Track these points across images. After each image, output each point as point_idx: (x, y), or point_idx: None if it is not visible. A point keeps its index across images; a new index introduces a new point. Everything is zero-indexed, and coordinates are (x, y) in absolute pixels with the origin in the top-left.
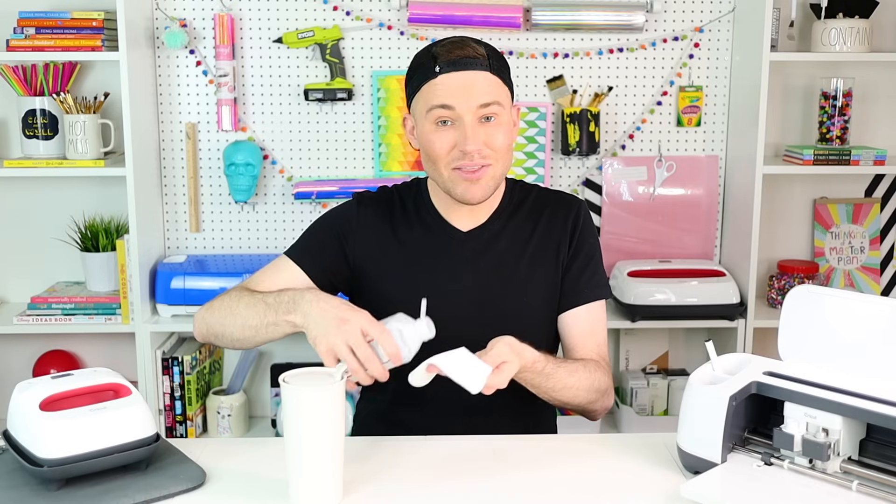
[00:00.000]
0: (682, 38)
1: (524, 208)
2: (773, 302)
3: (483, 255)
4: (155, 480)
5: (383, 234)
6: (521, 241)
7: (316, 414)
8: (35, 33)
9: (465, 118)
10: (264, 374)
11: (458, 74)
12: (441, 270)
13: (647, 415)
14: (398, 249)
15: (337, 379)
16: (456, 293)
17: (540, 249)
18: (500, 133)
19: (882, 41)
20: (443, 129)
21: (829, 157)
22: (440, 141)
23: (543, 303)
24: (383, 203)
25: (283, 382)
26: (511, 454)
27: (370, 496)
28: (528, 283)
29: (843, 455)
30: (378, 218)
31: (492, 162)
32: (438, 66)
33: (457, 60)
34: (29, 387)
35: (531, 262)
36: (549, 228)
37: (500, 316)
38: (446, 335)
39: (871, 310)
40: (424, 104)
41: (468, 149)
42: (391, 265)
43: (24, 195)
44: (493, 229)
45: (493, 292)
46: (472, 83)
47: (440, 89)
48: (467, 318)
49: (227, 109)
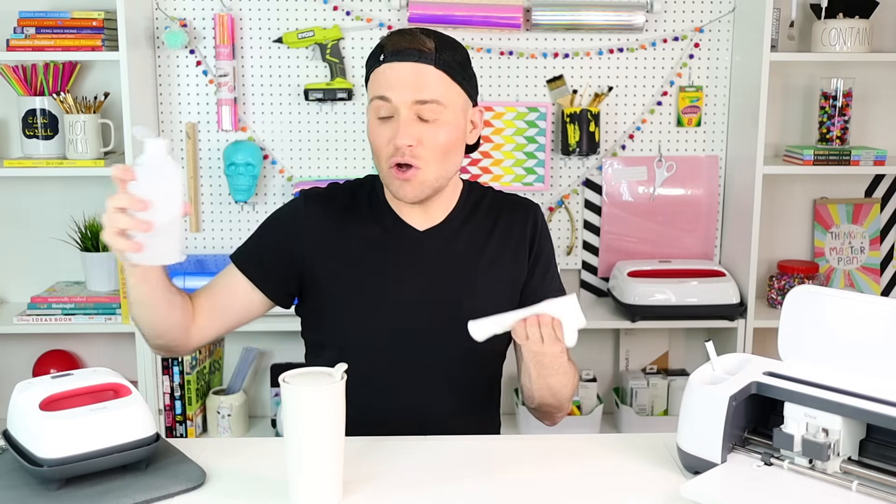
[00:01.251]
0: (682, 38)
1: (481, 209)
2: (773, 302)
3: (441, 254)
4: (155, 480)
5: (333, 233)
6: (479, 243)
7: (316, 414)
8: (35, 33)
9: (400, 111)
10: (264, 374)
11: (399, 65)
12: (397, 269)
13: (647, 415)
14: (350, 248)
15: (337, 379)
16: (412, 292)
17: (497, 252)
18: (439, 133)
19: (882, 41)
20: (382, 124)
21: (829, 158)
22: (378, 135)
23: (498, 304)
24: (332, 200)
25: (283, 382)
26: (511, 454)
27: (370, 496)
28: (484, 284)
29: (842, 455)
30: (327, 216)
31: (421, 165)
32: (383, 55)
33: (401, 50)
34: (29, 387)
35: (488, 264)
36: (507, 231)
37: (455, 317)
38: (401, 334)
39: (871, 310)
40: (370, 93)
41: (398, 143)
42: (343, 264)
43: (24, 195)
44: (451, 229)
45: (449, 293)
46: (411, 75)
47: (381, 79)
48: (422, 318)
49: (227, 109)
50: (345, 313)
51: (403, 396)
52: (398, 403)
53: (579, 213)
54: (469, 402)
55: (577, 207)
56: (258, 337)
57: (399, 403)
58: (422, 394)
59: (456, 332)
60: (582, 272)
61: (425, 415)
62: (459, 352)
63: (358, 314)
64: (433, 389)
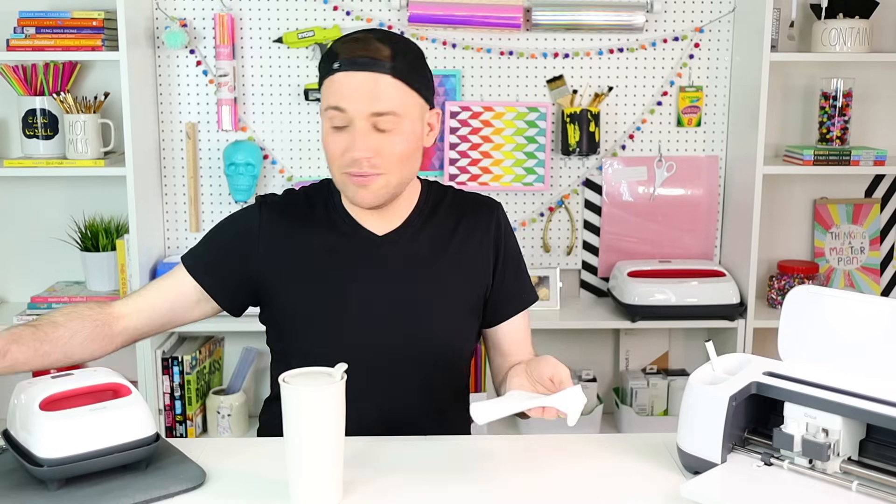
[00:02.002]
0: (682, 38)
1: (441, 210)
2: (773, 302)
3: (401, 259)
4: (155, 480)
5: (290, 240)
6: (441, 244)
7: (316, 414)
8: (35, 33)
9: (356, 123)
10: (264, 374)
11: (355, 75)
12: (357, 276)
13: (647, 415)
14: (308, 255)
15: (337, 379)
16: (373, 299)
17: (460, 252)
18: (396, 143)
19: (882, 41)
20: (337, 133)
21: (829, 158)
22: (333, 143)
23: (463, 304)
24: (288, 206)
25: (283, 382)
26: (511, 454)
27: (370, 496)
28: (447, 286)
29: (842, 455)
30: (283, 223)
31: (383, 171)
32: (338, 63)
33: (356, 60)
34: (29, 387)
35: (451, 265)
36: (469, 231)
37: (419, 320)
38: (365, 342)
39: (871, 310)
40: (323, 101)
41: (355, 156)
42: (300, 273)
43: (24, 195)
44: (411, 232)
45: (412, 296)
46: (367, 86)
47: (335, 88)
48: (387, 324)
49: (227, 109)
50: (307, 324)
51: (372, 403)
52: (368, 410)
53: (579, 213)
54: (440, 405)
55: (577, 207)
56: (258, 337)
57: (368, 410)
58: (391, 399)
59: (420, 335)
60: (582, 272)
61: (397, 420)
62: (426, 356)
63: (320, 324)
64: (402, 394)
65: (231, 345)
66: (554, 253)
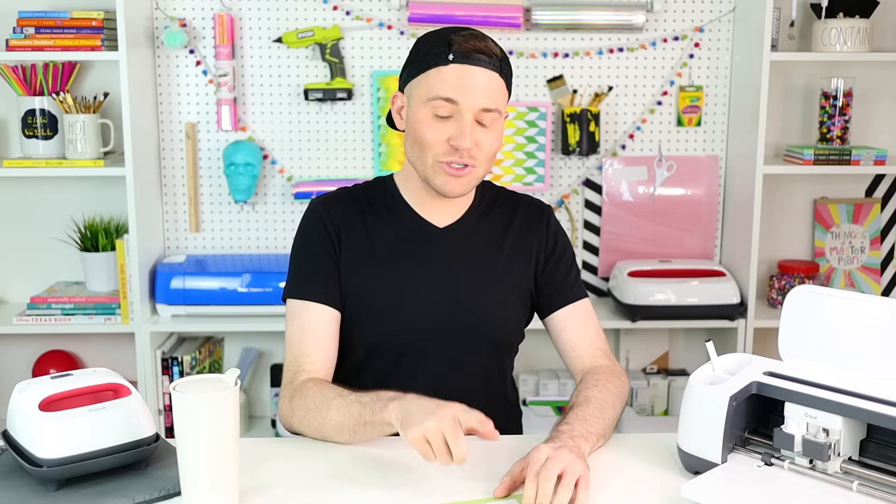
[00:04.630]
0: (682, 37)
1: (496, 206)
2: (774, 302)
3: (461, 250)
4: (155, 480)
5: (356, 231)
6: (498, 238)
7: (209, 421)
8: (35, 33)
9: (465, 115)
10: (264, 374)
11: (469, 69)
12: (418, 265)
13: (647, 415)
14: (371, 246)
15: (229, 385)
16: (433, 288)
17: (515, 247)
18: (492, 138)
19: (882, 41)
20: (438, 122)
21: (830, 157)
22: (434, 132)
23: (517, 299)
24: (346, 201)
25: (174, 391)
26: (512, 454)
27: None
28: (503, 279)
29: (843, 455)
30: (346, 215)
31: (476, 164)
32: (452, 55)
33: (471, 54)
34: (28, 387)
35: (507, 259)
36: (523, 227)
37: (476, 312)
38: (424, 330)
39: (871, 310)
40: (427, 90)
41: (463, 146)
42: (366, 262)
43: (23, 195)
44: (470, 225)
45: (470, 288)
46: (480, 81)
47: (448, 79)
48: (444, 314)
49: (226, 109)
50: (370, 310)
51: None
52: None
53: (579, 213)
54: (493, 400)
55: (577, 207)
56: (258, 337)
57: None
58: (447, 384)
59: (476, 325)
60: (582, 272)
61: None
62: (481, 344)
63: (382, 311)
64: (457, 385)
65: (231, 345)
66: None
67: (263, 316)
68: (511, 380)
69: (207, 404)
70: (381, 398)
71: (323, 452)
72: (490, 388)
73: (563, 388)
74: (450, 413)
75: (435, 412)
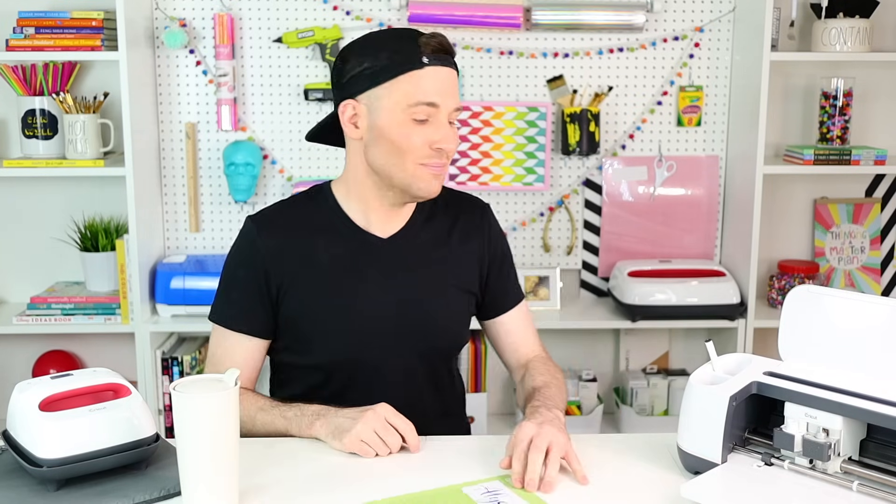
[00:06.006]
0: (682, 37)
1: (438, 209)
2: (774, 302)
3: (405, 260)
4: (155, 480)
5: (293, 253)
6: (440, 243)
7: (209, 421)
8: (35, 33)
9: (444, 117)
10: (264, 374)
11: (442, 69)
12: (362, 280)
13: (647, 415)
14: (313, 266)
15: (229, 385)
16: (381, 301)
17: (458, 249)
18: (456, 135)
19: (882, 41)
20: (417, 125)
21: (830, 157)
22: (415, 136)
23: (462, 301)
24: (284, 220)
25: (174, 391)
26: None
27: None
28: (448, 283)
29: (843, 455)
30: (281, 238)
31: (448, 162)
32: (426, 58)
33: (442, 55)
34: (29, 387)
35: (451, 263)
36: (465, 229)
37: (424, 319)
38: (374, 344)
39: (871, 310)
40: (405, 95)
41: (450, 147)
42: (309, 283)
43: (23, 195)
44: (412, 233)
45: (416, 296)
46: (453, 82)
47: (427, 83)
48: (393, 325)
49: (226, 109)
50: (316, 331)
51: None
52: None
53: (579, 213)
54: (445, 404)
55: (577, 207)
56: None
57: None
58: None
59: (425, 333)
60: (582, 272)
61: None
62: (432, 351)
63: (331, 331)
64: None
65: None
66: (554, 253)
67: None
68: (458, 375)
69: (207, 404)
70: (304, 413)
71: (323, 453)
72: (444, 390)
73: None
74: (374, 414)
75: (360, 417)
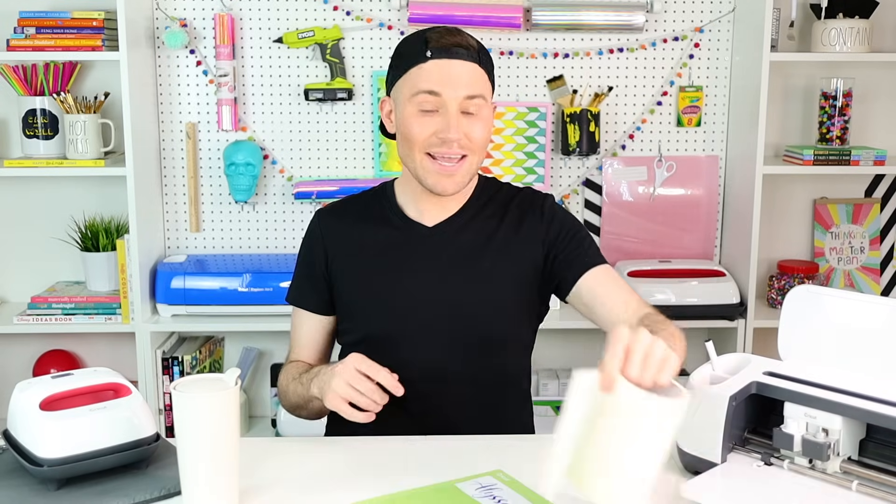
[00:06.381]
0: (682, 38)
1: (493, 203)
2: (773, 302)
3: (446, 249)
4: (155, 480)
5: (346, 240)
6: (486, 234)
7: (209, 420)
8: (35, 33)
9: (449, 106)
10: (264, 374)
11: (448, 62)
12: (404, 267)
13: None
14: (361, 251)
15: (230, 385)
16: (420, 289)
17: (505, 242)
18: (480, 126)
19: (882, 41)
20: (425, 116)
21: (829, 157)
22: (420, 126)
23: (511, 295)
24: (342, 211)
25: (175, 391)
26: (511, 453)
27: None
28: (492, 275)
29: (842, 455)
30: (339, 225)
31: (468, 153)
32: (430, 52)
33: (448, 48)
34: (29, 386)
35: (496, 255)
36: (516, 221)
37: (464, 310)
38: (413, 330)
39: (871, 310)
40: (410, 88)
41: (450, 136)
42: (356, 267)
43: (24, 195)
44: (459, 223)
45: (456, 285)
46: (460, 73)
47: (428, 74)
48: (433, 313)
49: (227, 109)
50: (364, 314)
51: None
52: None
53: (579, 213)
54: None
55: (577, 207)
56: (258, 337)
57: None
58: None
59: (466, 324)
60: None
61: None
62: (473, 346)
63: (370, 312)
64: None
65: (231, 345)
66: None
67: (264, 316)
68: (523, 391)
69: (207, 404)
70: (310, 376)
71: (323, 452)
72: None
73: (563, 388)
74: (342, 367)
75: (335, 371)
